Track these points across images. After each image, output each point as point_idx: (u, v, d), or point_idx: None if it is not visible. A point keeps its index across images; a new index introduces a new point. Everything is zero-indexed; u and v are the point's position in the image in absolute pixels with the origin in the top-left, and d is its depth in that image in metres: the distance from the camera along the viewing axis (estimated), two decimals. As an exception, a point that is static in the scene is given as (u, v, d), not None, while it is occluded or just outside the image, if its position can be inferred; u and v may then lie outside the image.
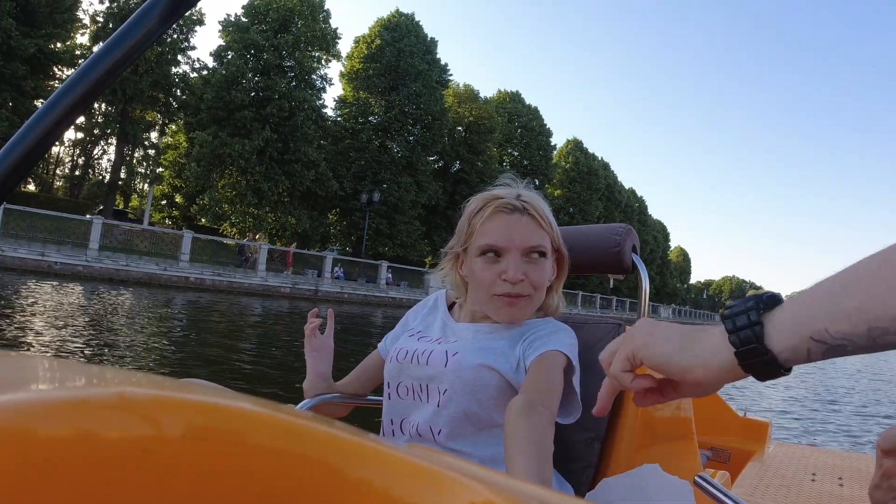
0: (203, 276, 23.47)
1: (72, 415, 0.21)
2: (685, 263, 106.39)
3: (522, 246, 1.20)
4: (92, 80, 0.73)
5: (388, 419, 1.28)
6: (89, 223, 21.81)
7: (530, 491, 0.30)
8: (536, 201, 1.25)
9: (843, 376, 17.24)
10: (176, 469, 0.21)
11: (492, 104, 47.93)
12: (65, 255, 20.10)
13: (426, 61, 41.10)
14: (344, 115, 40.08)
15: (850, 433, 8.03)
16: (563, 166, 56.71)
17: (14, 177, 0.70)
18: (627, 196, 70.34)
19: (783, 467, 2.69)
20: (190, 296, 19.88)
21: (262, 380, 7.02)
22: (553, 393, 1.09)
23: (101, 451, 0.20)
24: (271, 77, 33.93)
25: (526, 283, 1.21)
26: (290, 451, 0.23)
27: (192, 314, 14.77)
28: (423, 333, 1.35)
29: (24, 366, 0.35)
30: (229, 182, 33.21)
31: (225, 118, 32.79)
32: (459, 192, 44.14)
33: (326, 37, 37.04)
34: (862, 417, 9.62)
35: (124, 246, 24.25)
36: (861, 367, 21.70)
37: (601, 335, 1.41)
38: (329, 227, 39.53)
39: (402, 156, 39.67)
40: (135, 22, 0.75)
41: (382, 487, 0.24)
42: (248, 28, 34.61)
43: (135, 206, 42.07)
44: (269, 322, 15.60)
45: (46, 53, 27.04)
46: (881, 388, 15.61)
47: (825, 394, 12.69)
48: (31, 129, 0.71)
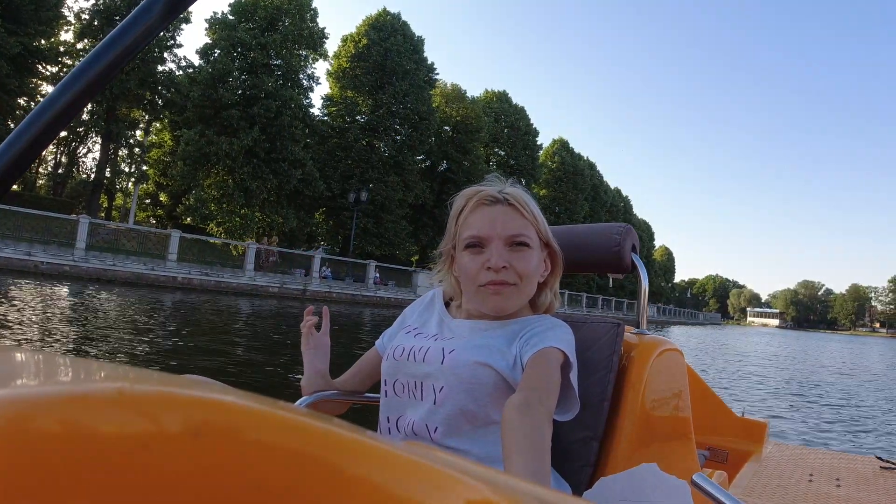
0: (191, 276, 23.35)
1: (70, 410, 0.21)
2: (669, 263, 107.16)
3: (504, 234, 1.21)
4: (90, 77, 0.72)
5: (384, 416, 1.28)
6: (76, 222, 21.57)
7: (528, 489, 0.30)
8: (519, 194, 1.26)
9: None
10: (174, 465, 0.21)
11: (479, 104, 47.98)
12: (51, 255, 19.90)
13: (413, 60, 41.07)
14: (331, 114, 39.96)
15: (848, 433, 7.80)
16: (550, 166, 56.92)
17: (11, 174, 0.69)
18: (613, 196, 70.77)
19: (780, 468, 2.71)
20: (181, 296, 19.78)
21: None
22: (550, 390, 1.09)
23: (99, 446, 0.20)
24: (258, 75, 33.77)
25: (510, 271, 1.21)
26: (289, 447, 0.23)
27: (199, 314, 14.71)
28: (420, 330, 1.35)
29: (22, 360, 0.35)
30: (216, 181, 33.00)
31: (212, 116, 32.57)
32: (446, 192, 44.18)
33: (314, 35, 36.92)
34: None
35: (111, 245, 24.02)
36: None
37: (601, 335, 1.41)
38: (315, 227, 39.42)
39: (389, 155, 39.62)
40: (134, 19, 0.74)
41: (380, 484, 0.24)
42: (235, 26, 34.39)
43: (118, 205, 41.67)
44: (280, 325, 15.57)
45: (31, 51, 26.73)
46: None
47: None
48: (28, 127, 0.70)
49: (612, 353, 1.37)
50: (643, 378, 1.40)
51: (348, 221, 36.94)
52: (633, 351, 1.45)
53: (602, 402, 1.34)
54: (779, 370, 17.32)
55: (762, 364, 19.04)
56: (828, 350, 35.15)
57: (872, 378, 17.29)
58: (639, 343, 1.48)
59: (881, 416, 9.62)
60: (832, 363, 22.96)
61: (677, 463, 1.49)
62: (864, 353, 36.33)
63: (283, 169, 33.66)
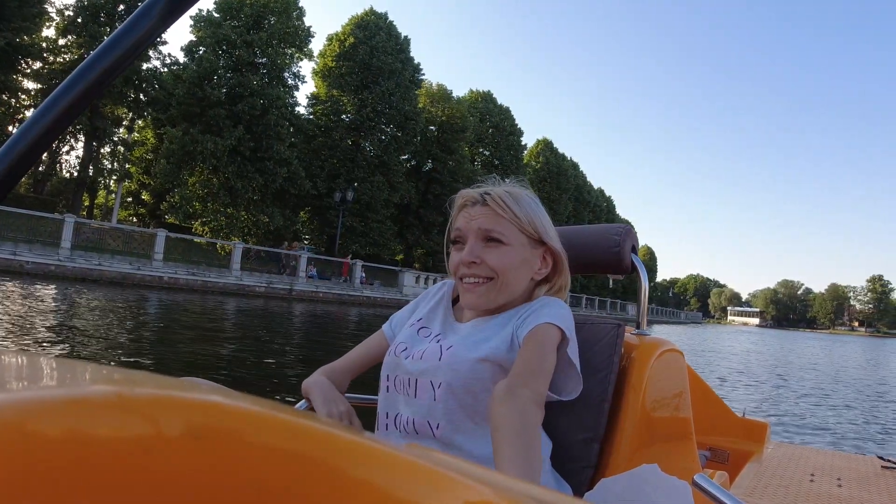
0: (177, 276, 23.21)
1: (70, 414, 0.21)
2: (651, 262, 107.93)
3: (477, 230, 1.25)
4: (91, 79, 0.72)
5: (382, 412, 1.28)
6: (61, 221, 21.34)
7: (528, 490, 0.30)
8: (500, 194, 1.27)
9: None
10: (175, 468, 0.21)
11: (464, 104, 48.08)
12: (37, 255, 19.68)
13: (399, 60, 41.08)
14: (316, 112, 39.88)
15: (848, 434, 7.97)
16: (534, 166, 57.24)
17: (13, 176, 0.70)
18: (596, 196, 71.29)
19: (782, 468, 2.68)
20: (172, 295, 19.69)
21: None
22: (539, 371, 1.10)
23: (99, 450, 0.20)
24: (244, 74, 33.61)
25: (483, 265, 1.23)
26: (289, 450, 0.23)
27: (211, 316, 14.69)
28: (424, 325, 1.36)
29: (22, 364, 0.35)
30: (200, 180, 32.82)
31: (196, 115, 32.38)
32: (432, 192, 44.31)
33: (300, 34, 36.83)
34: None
35: (96, 245, 23.80)
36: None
37: (601, 335, 1.40)
38: (300, 225, 39.30)
39: (374, 154, 39.61)
40: (134, 21, 0.74)
41: (381, 486, 0.24)
42: (220, 24, 34.21)
43: (100, 203, 41.25)
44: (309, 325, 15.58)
45: (15, 47, 26.41)
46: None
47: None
48: (30, 128, 0.70)
49: (612, 354, 1.37)
50: (644, 379, 1.40)
51: (333, 220, 36.86)
52: (633, 352, 1.45)
53: (603, 402, 1.34)
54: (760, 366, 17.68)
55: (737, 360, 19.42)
56: (806, 350, 35.68)
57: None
58: (639, 344, 1.48)
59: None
60: (801, 360, 23.47)
61: (678, 463, 1.48)
62: (844, 352, 36.84)
63: (268, 168, 33.54)
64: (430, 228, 44.07)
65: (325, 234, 39.69)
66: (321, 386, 1.34)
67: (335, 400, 1.31)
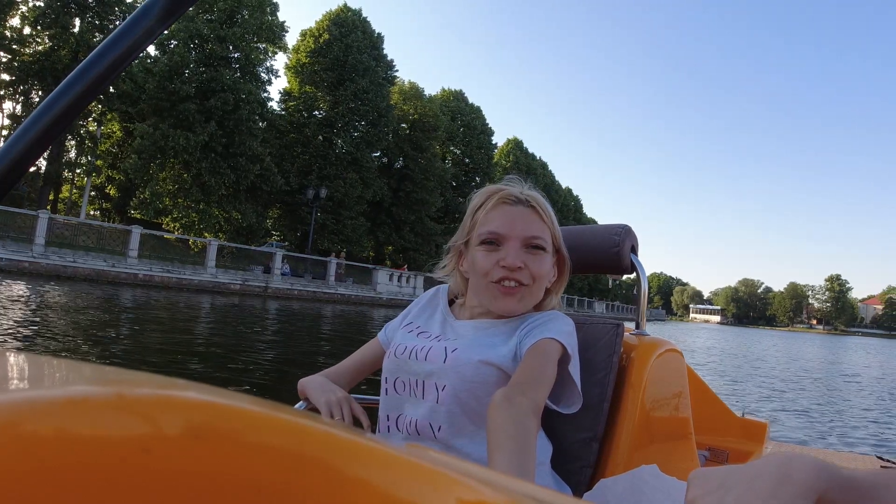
0: (152, 273, 22.98)
1: (70, 414, 0.21)
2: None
3: (523, 235, 1.22)
4: (90, 79, 0.72)
5: (384, 414, 1.27)
6: (35, 217, 20.96)
7: (527, 490, 0.30)
8: (539, 198, 1.27)
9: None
10: (175, 468, 0.21)
11: (436, 102, 48.27)
12: (9, 251, 19.32)
13: (373, 57, 41.03)
14: (289, 108, 39.61)
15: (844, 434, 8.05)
16: (504, 165, 57.69)
17: (12, 176, 0.70)
18: (564, 195, 72.12)
19: None
20: (148, 292, 19.51)
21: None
22: (539, 382, 1.08)
23: (99, 450, 0.20)
24: (216, 68, 33.15)
25: (525, 272, 1.21)
26: (288, 450, 0.23)
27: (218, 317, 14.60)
28: (423, 328, 1.34)
29: (20, 364, 0.35)
30: (171, 175, 32.37)
31: (167, 109, 31.88)
32: (403, 189, 44.41)
33: (273, 28, 36.50)
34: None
35: (69, 241, 23.40)
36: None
37: (601, 335, 1.40)
38: (270, 222, 39.02)
39: (346, 151, 39.48)
40: (133, 21, 0.75)
41: (380, 486, 0.24)
42: (193, 17, 33.69)
43: (64, 198, 40.38)
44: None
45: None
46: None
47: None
48: (29, 129, 0.70)
49: (611, 354, 1.37)
50: (643, 379, 1.40)
51: (306, 217, 36.69)
52: (633, 352, 1.45)
53: (602, 402, 1.34)
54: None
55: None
56: (765, 347, 36.61)
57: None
58: (639, 344, 1.49)
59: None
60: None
61: (678, 463, 1.46)
62: (800, 350, 37.84)
63: (240, 164, 33.20)
64: (402, 226, 44.14)
65: (297, 231, 39.49)
66: (316, 380, 1.35)
67: (332, 389, 1.31)
